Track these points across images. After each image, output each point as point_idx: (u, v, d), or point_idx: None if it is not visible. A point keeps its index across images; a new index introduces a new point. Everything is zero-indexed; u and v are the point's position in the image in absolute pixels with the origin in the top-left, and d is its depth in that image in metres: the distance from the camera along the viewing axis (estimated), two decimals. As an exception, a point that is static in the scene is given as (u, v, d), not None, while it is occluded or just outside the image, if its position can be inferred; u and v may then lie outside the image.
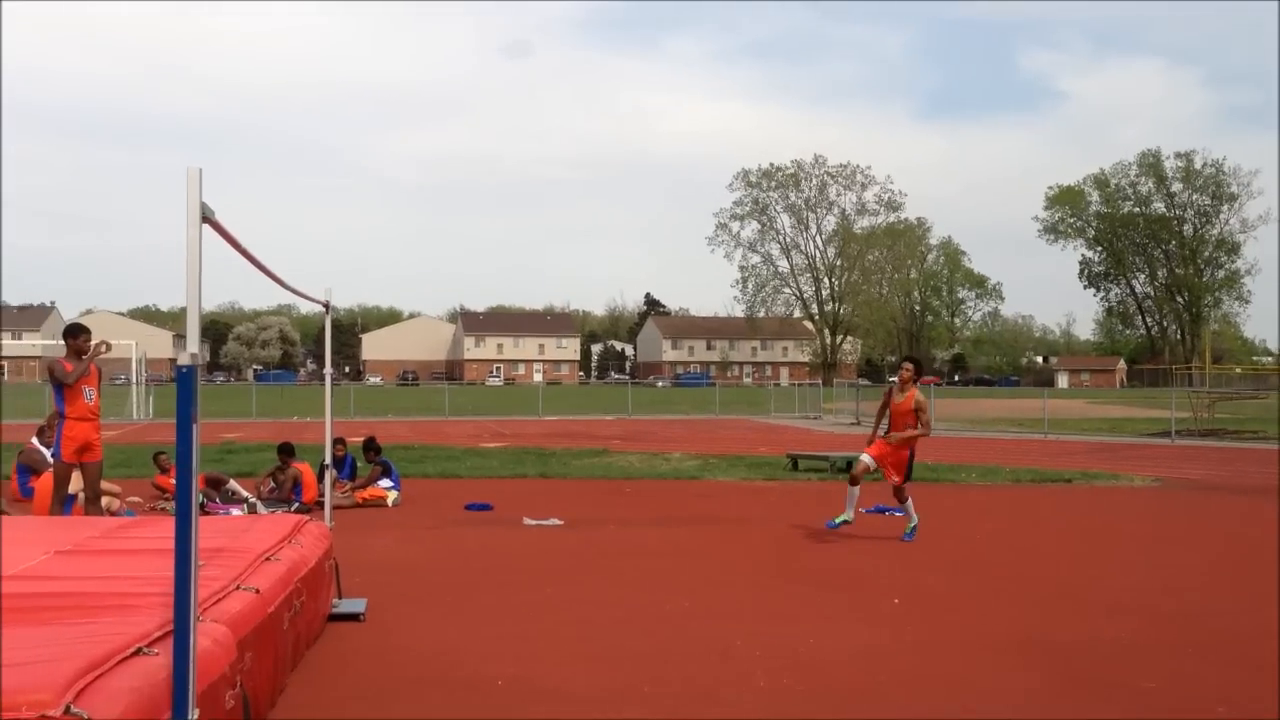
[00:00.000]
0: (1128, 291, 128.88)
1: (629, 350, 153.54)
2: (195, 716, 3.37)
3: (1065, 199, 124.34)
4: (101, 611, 4.17)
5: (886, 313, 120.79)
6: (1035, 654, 6.42)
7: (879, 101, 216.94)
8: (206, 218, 3.50)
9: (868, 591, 8.29)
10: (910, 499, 10.78)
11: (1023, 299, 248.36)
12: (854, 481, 10.54)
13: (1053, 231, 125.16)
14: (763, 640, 6.62)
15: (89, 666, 3.26)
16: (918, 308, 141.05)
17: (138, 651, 3.58)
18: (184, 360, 3.32)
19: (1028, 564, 9.72)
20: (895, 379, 10.88)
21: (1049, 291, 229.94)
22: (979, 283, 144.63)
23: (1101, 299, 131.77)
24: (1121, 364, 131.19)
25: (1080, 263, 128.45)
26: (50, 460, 11.03)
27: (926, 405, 10.70)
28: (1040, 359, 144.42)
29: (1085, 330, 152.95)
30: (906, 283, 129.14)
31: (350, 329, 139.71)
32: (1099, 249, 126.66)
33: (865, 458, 10.65)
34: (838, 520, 10.44)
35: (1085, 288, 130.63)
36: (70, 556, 5.55)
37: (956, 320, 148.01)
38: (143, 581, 4.77)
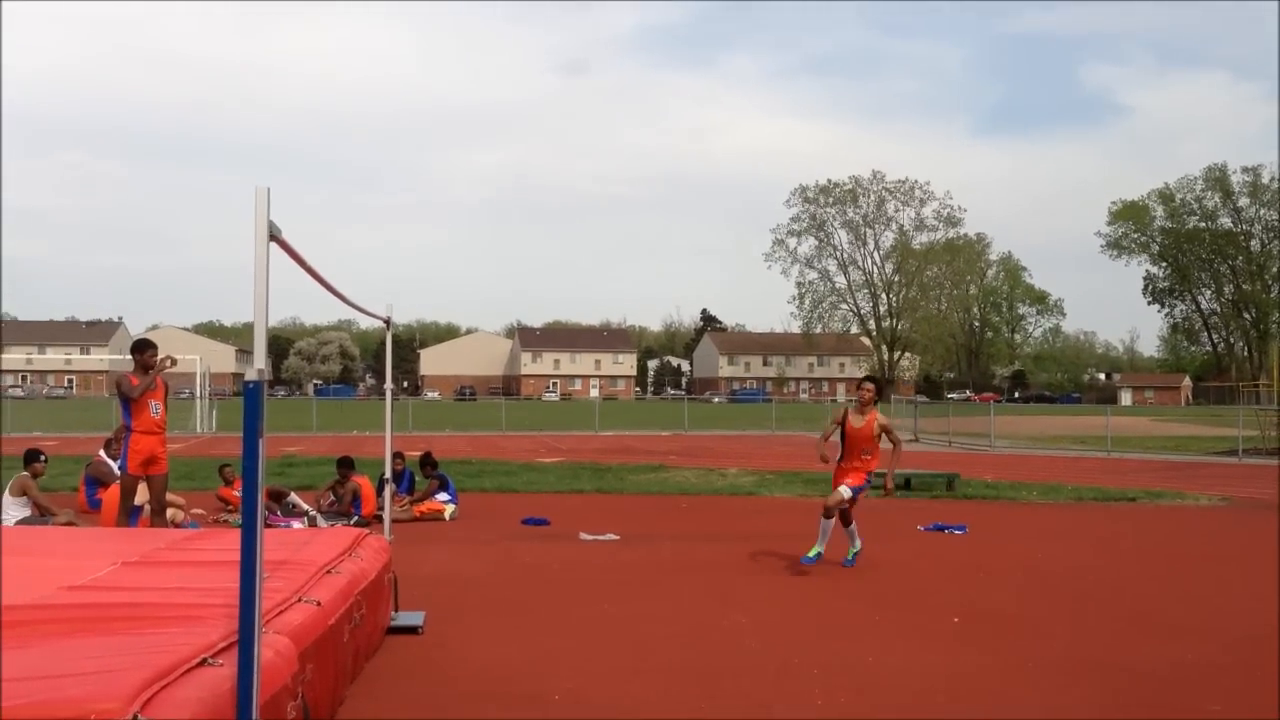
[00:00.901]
0: (1193, 307, 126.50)
1: (685, 366, 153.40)
2: (259, 726, 3.42)
3: (1129, 214, 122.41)
4: (168, 622, 4.24)
5: (945, 329, 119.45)
6: (1099, 676, 6.31)
7: (938, 117, 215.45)
8: (274, 236, 3.57)
9: (926, 610, 8.20)
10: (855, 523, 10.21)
11: (1085, 315, 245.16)
12: (828, 514, 9.79)
13: (1116, 247, 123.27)
14: (820, 658, 6.58)
15: (156, 676, 3.32)
16: (977, 324, 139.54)
17: (203, 662, 3.64)
18: (251, 376, 3.38)
19: (1090, 584, 9.56)
20: (854, 399, 10.16)
21: (1112, 307, 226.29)
22: (1040, 299, 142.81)
23: (1166, 315, 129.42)
24: (1187, 381, 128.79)
25: (1144, 278, 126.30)
26: (117, 472, 11.26)
27: (891, 424, 10.01)
28: (1103, 376, 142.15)
29: (1149, 347, 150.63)
30: (966, 299, 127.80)
31: (408, 344, 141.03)
32: (1163, 264, 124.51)
33: (845, 490, 9.82)
34: (811, 555, 9.67)
35: (1149, 304, 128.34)
36: (137, 568, 5.65)
37: (1017, 336, 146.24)
38: (207, 593, 4.84)
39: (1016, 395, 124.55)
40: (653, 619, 7.79)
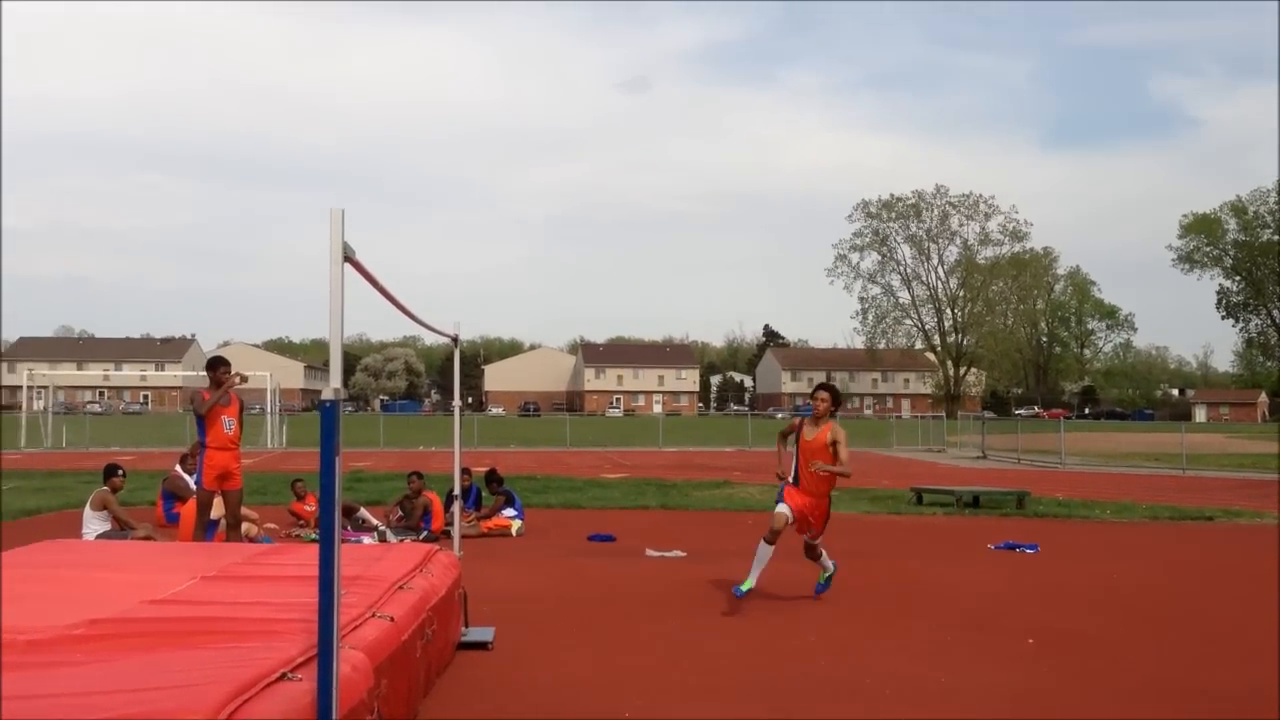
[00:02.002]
0: (1268, 322, 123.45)
1: (748, 382, 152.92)
2: (338, 742, 3.46)
3: (1201, 227, 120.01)
4: (247, 636, 4.31)
5: (1012, 344, 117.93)
6: (1176, 700, 6.17)
7: (1003, 130, 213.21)
8: (348, 257, 3.62)
9: (999, 630, 8.08)
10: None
11: (1156, 330, 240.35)
12: (771, 539, 8.77)
13: (1188, 260, 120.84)
14: (892, 678, 6.50)
15: (238, 691, 3.37)
16: (1044, 339, 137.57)
17: (283, 676, 3.69)
18: (327, 395, 3.43)
19: (1167, 605, 9.36)
20: (809, 408, 9.02)
21: (1184, 322, 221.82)
22: (1110, 313, 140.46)
23: (1241, 329, 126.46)
24: (1263, 397, 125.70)
25: (1218, 292, 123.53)
26: (193, 487, 11.47)
27: (844, 438, 8.85)
28: (1176, 392, 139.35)
29: (1224, 362, 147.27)
30: (1032, 314, 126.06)
31: (473, 360, 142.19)
32: (1237, 278, 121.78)
33: (783, 509, 8.89)
34: (744, 588, 8.63)
35: (1223, 318, 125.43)
36: (215, 582, 5.75)
37: (1086, 352, 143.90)
38: (284, 607, 4.91)
39: (1086, 411, 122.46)
40: (721, 637, 7.76)
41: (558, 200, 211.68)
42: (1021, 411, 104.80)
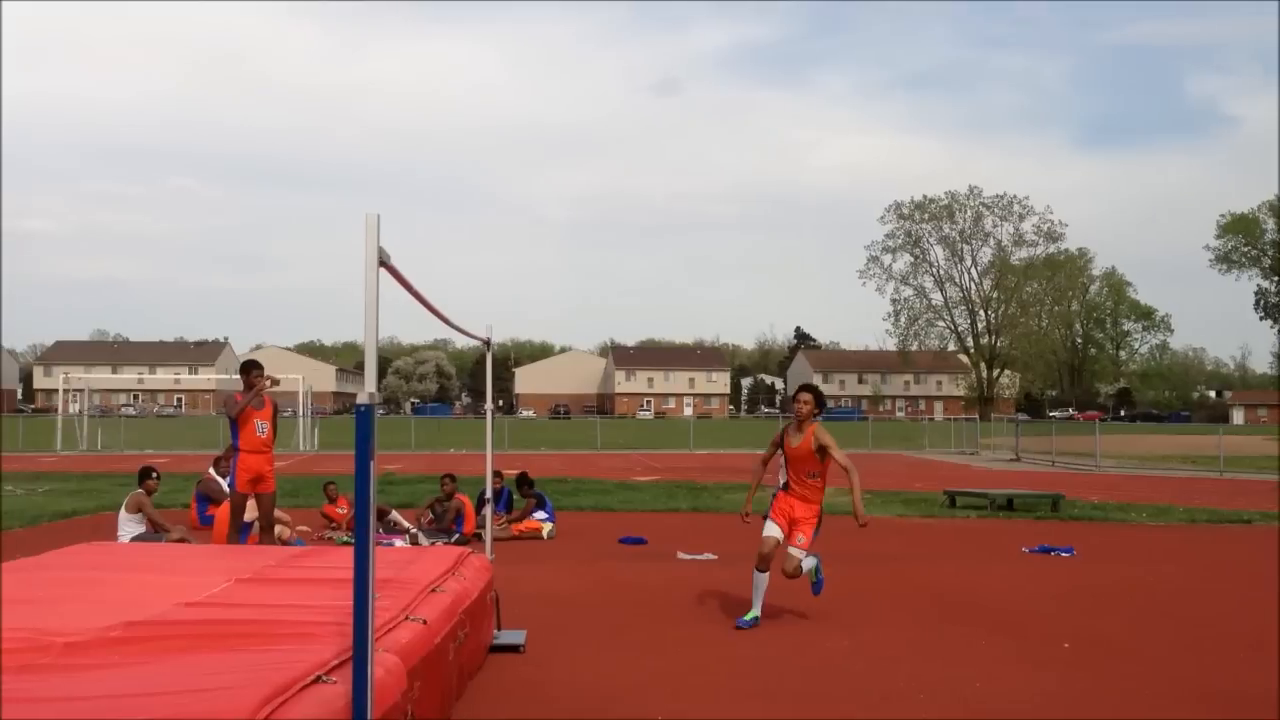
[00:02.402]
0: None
1: (779, 384, 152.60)
2: (373, 745, 3.47)
3: (1238, 227, 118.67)
4: (282, 639, 4.33)
5: (1046, 346, 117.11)
6: (1214, 704, 6.10)
7: (1037, 130, 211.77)
8: (383, 261, 3.63)
9: (1035, 634, 8.00)
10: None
11: (1193, 331, 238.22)
12: (763, 565, 8.27)
13: (1225, 261, 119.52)
14: (925, 683, 6.46)
15: (274, 693, 3.39)
16: (1079, 340, 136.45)
17: (318, 679, 3.70)
18: (362, 399, 3.44)
19: (1205, 609, 9.24)
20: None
21: (1222, 323, 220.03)
22: (1146, 314, 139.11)
23: (1279, 331, 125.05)
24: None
25: (1256, 293, 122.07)
26: (227, 490, 11.56)
27: (833, 440, 8.38)
28: (1213, 393, 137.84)
29: (1262, 363, 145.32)
30: (1067, 315, 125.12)
31: (503, 363, 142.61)
32: (1276, 279, 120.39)
33: (772, 532, 8.38)
34: (748, 618, 8.17)
35: (1261, 319, 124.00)
36: (250, 584, 5.78)
37: (1122, 353, 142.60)
38: (318, 610, 4.93)
39: (1122, 414, 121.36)
40: (753, 641, 7.73)
41: (588, 203, 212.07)
42: (1056, 414, 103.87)
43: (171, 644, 4.30)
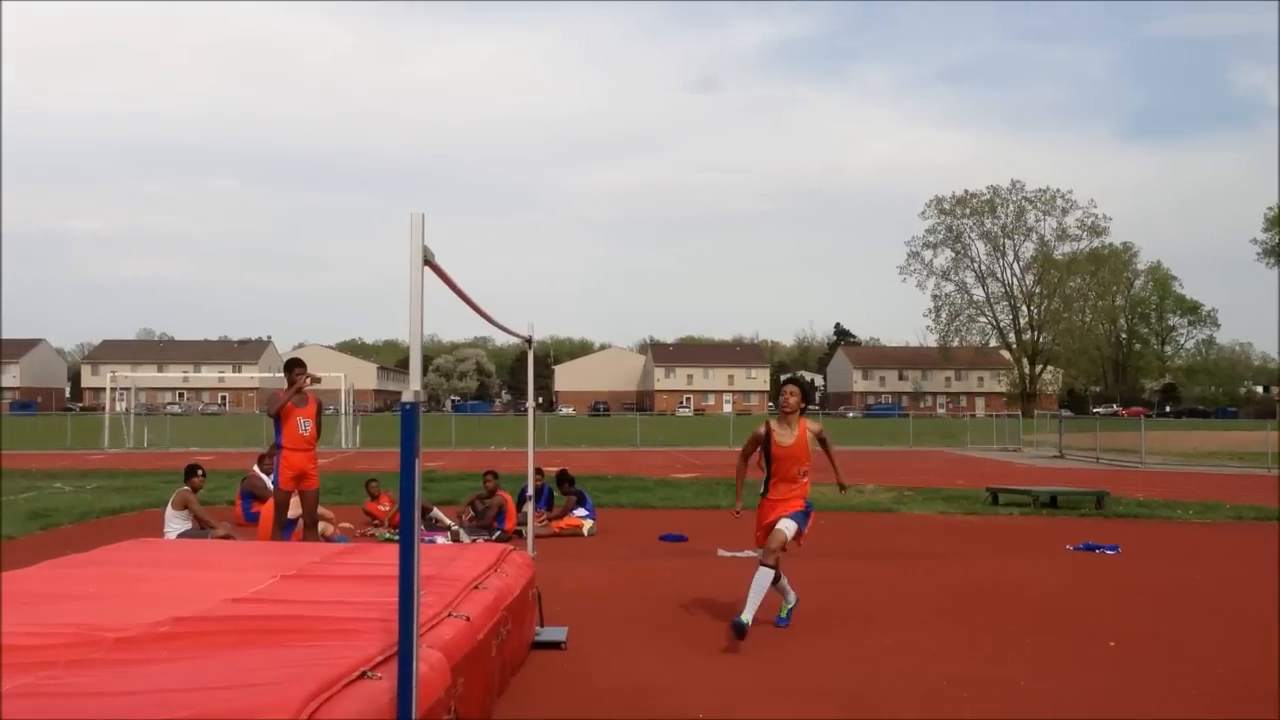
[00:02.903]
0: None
1: (819, 380, 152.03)
2: (418, 740, 3.50)
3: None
4: (327, 635, 4.37)
5: (1090, 341, 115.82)
6: (1261, 704, 6.01)
7: (1081, 123, 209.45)
8: (427, 260, 3.65)
9: (1079, 633, 7.93)
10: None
11: (1240, 325, 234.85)
12: (773, 562, 7.80)
13: (1273, 254, 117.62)
14: (969, 681, 6.42)
15: (320, 689, 3.42)
16: (1124, 336, 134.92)
17: (363, 675, 3.74)
18: (407, 397, 3.46)
19: (1253, 607, 9.10)
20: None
21: (1270, 317, 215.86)
22: (1192, 309, 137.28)
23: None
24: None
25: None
26: (271, 487, 11.68)
27: (825, 432, 8.18)
28: (1260, 389, 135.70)
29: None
30: (1111, 310, 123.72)
31: (543, 360, 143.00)
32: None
33: (786, 525, 7.92)
34: (744, 619, 7.37)
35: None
36: (295, 581, 5.84)
37: (1167, 348, 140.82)
38: (363, 606, 4.98)
39: (1167, 410, 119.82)
40: (794, 638, 7.72)
41: (627, 200, 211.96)
42: (1100, 410, 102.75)
43: (219, 639, 4.36)
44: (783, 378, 8.50)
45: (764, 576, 7.64)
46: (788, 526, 7.81)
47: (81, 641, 4.26)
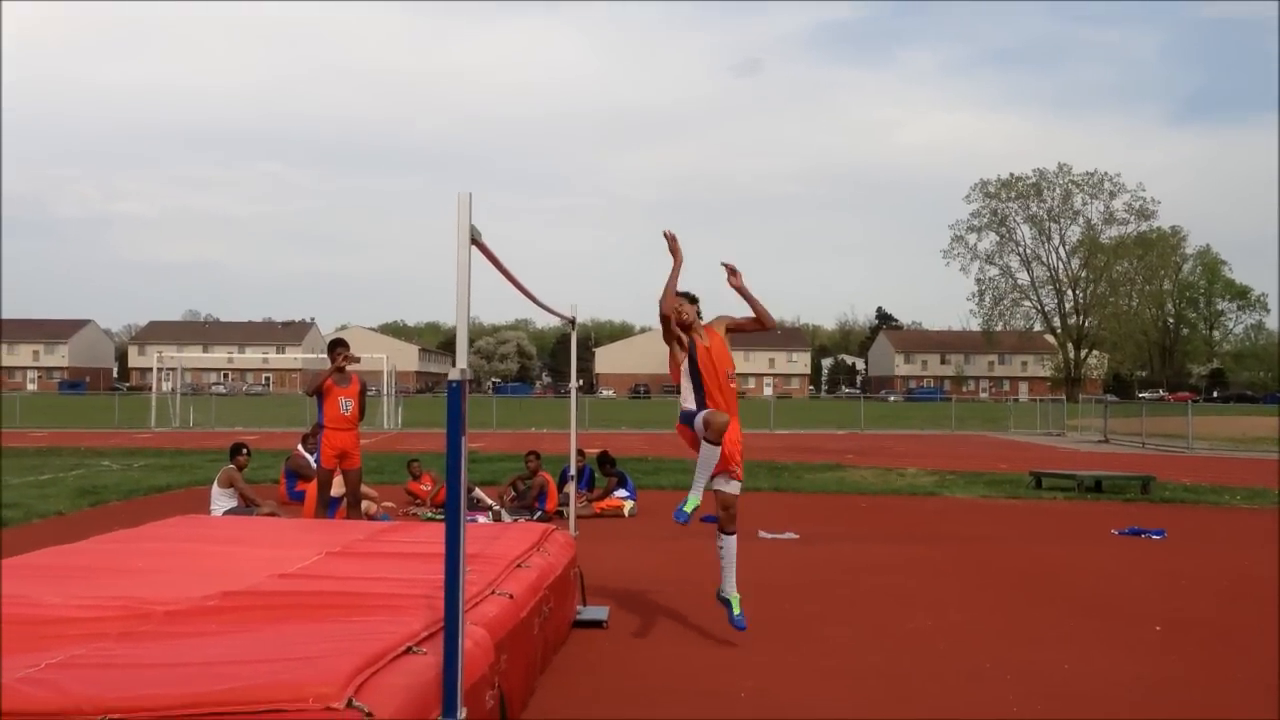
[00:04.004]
0: None
1: (860, 364, 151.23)
2: (464, 715, 3.53)
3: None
4: (372, 611, 4.41)
5: (1136, 326, 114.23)
6: (1318, 693, 5.93)
7: (1130, 106, 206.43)
8: (474, 240, 3.66)
9: (1124, 617, 7.86)
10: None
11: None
12: (717, 439, 7.01)
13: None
14: (1013, 665, 6.38)
15: (366, 663, 3.46)
16: (1171, 320, 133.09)
17: (408, 650, 3.77)
18: (454, 376, 3.48)
19: (1304, 595, 8.98)
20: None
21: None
22: (1241, 294, 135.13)
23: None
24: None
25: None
26: (314, 466, 11.79)
27: (759, 304, 7.48)
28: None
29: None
30: (1159, 295, 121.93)
31: (584, 343, 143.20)
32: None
33: (735, 489, 7.47)
34: (688, 508, 7.15)
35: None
36: (340, 557, 5.90)
37: (1215, 333, 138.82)
38: (407, 583, 5.02)
39: (1215, 395, 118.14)
40: (835, 620, 7.71)
41: (669, 184, 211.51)
42: (1145, 395, 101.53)
43: (266, 614, 4.41)
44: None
45: (731, 545, 7.32)
46: (736, 489, 7.40)
47: (132, 614, 4.33)
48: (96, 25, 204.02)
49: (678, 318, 7.16)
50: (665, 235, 7.16)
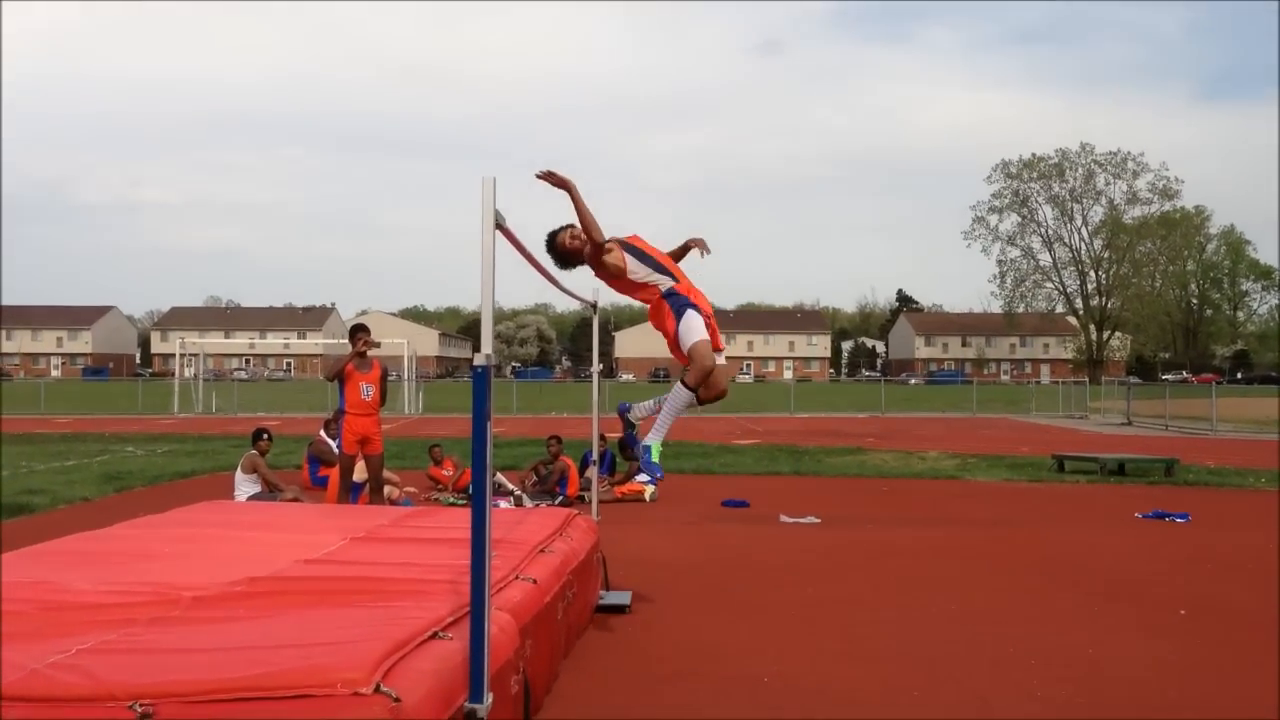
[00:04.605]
0: None
1: (880, 347, 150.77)
2: (490, 700, 3.54)
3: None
4: (397, 596, 4.43)
5: (1159, 307, 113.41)
6: (1345, 677, 5.89)
7: (1153, 84, 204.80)
8: (499, 224, 3.66)
9: (1149, 601, 7.82)
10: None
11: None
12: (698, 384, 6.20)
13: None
14: (1037, 648, 6.36)
15: (393, 648, 3.47)
16: (1195, 301, 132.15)
17: (434, 635, 3.79)
18: (479, 361, 3.48)
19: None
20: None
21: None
22: (1266, 274, 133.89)
23: None
24: None
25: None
26: (336, 451, 11.85)
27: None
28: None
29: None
30: (1182, 275, 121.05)
31: (604, 327, 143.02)
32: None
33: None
34: (655, 453, 6.45)
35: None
36: (365, 543, 5.93)
37: (1239, 314, 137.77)
38: (431, 569, 5.04)
39: (1239, 376, 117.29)
40: (859, 603, 7.70)
41: (688, 167, 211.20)
42: (1169, 377, 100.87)
43: (293, 599, 4.43)
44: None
45: (683, 396, 6.29)
46: (719, 359, 6.36)
47: (160, 600, 4.36)
48: (123, 15, 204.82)
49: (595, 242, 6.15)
50: (541, 176, 5.86)
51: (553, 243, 6.41)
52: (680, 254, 6.78)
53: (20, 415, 36.31)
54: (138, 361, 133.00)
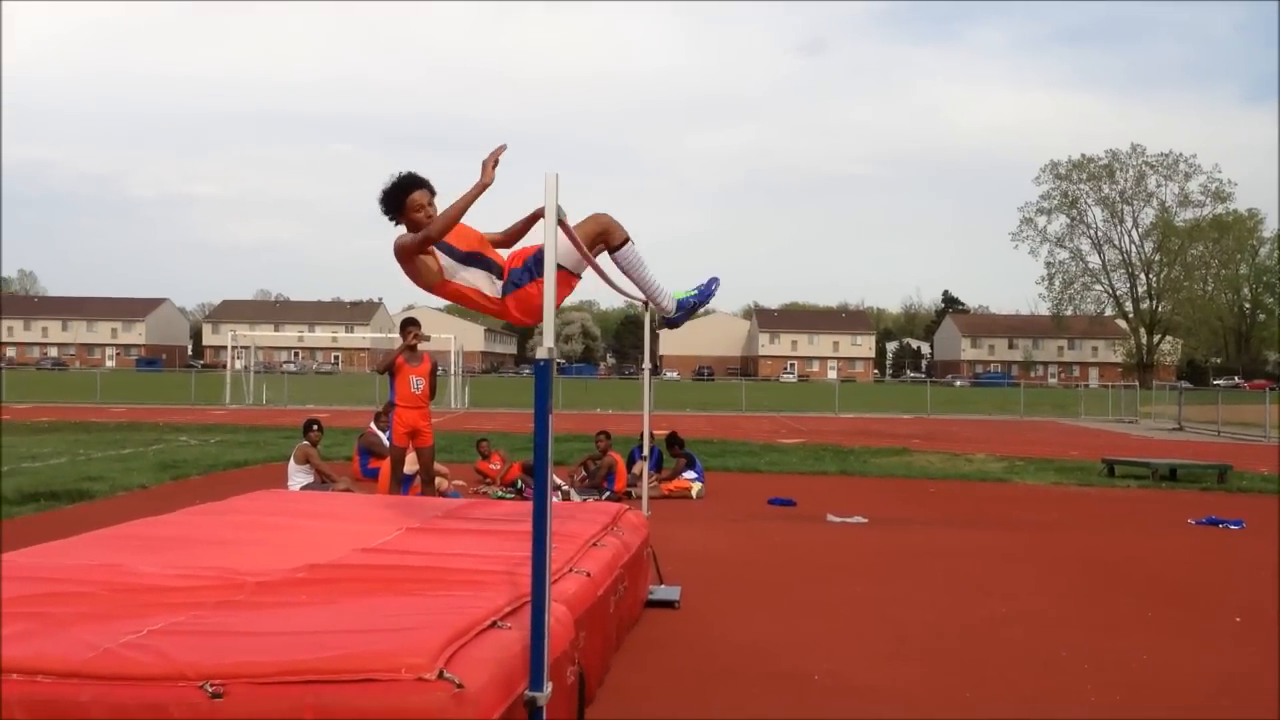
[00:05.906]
0: None
1: (925, 349, 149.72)
2: (549, 689, 3.59)
3: None
4: (455, 585, 4.49)
5: (1211, 311, 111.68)
6: (1405, 688, 5.81)
7: (1205, 85, 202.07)
8: (560, 220, 3.71)
9: (1203, 608, 7.74)
10: None
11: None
12: None
13: None
14: (1089, 652, 6.32)
15: (454, 636, 3.53)
16: (1247, 306, 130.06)
17: (493, 624, 3.84)
18: (542, 355, 3.53)
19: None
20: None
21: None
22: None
23: None
24: None
25: None
26: (386, 444, 11.99)
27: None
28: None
29: None
30: (1235, 279, 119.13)
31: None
32: None
33: None
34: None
35: None
36: (420, 533, 6.00)
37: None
38: (487, 559, 5.10)
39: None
40: (908, 604, 7.68)
41: (733, 166, 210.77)
42: (1220, 382, 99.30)
43: (353, 586, 4.51)
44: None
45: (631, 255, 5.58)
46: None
47: (225, 584, 4.45)
48: (176, 14, 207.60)
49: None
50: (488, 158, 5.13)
51: (401, 188, 5.50)
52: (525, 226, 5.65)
53: (78, 404, 36.98)
54: (189, 353, 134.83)
